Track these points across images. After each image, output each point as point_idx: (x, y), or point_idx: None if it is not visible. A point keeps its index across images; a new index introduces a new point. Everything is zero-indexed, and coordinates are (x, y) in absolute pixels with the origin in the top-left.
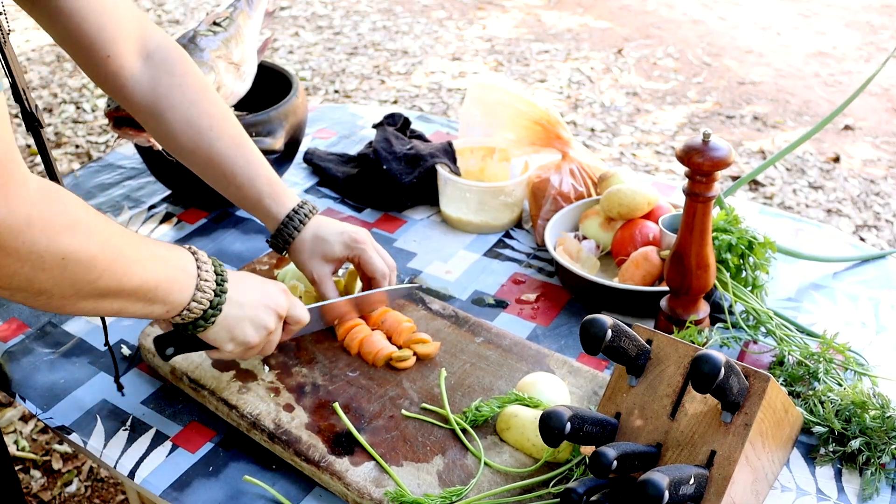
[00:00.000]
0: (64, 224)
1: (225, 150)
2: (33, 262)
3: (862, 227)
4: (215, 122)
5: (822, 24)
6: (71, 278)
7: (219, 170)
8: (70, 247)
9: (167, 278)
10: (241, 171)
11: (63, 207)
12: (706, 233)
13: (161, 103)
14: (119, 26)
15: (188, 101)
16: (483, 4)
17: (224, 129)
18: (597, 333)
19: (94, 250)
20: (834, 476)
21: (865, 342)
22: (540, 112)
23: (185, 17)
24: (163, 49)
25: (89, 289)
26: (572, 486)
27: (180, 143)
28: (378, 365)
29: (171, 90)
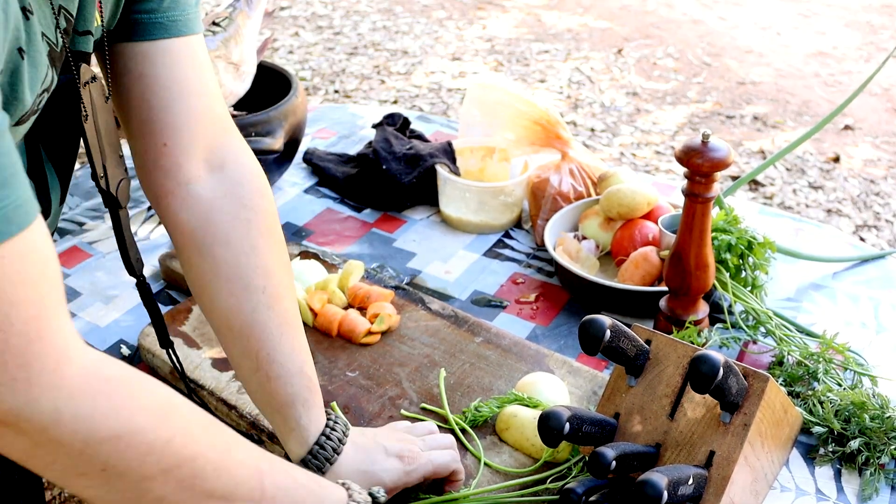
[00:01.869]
0: (112, 432)
1: (272, 325)
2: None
3: (862, 227)
4: (272, 284)
5: (822, 24)
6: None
7: (253, 346)
8: (113, 458)
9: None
10: (282, 361)
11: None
12: (705, 233)
13: (215, 233)
14: (192, 117)
15: (251, 244)
16: (483, 4)
17: (278, 299)
18: (596, 333)
19: (153, 469)
20: (833, 476)
21: (865, 342)
22: (540, 112)
23: None
24: (242, 168)
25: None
26: (571, 487)
27: (217, 293)
28: (357, 341)
29: (235, 223)
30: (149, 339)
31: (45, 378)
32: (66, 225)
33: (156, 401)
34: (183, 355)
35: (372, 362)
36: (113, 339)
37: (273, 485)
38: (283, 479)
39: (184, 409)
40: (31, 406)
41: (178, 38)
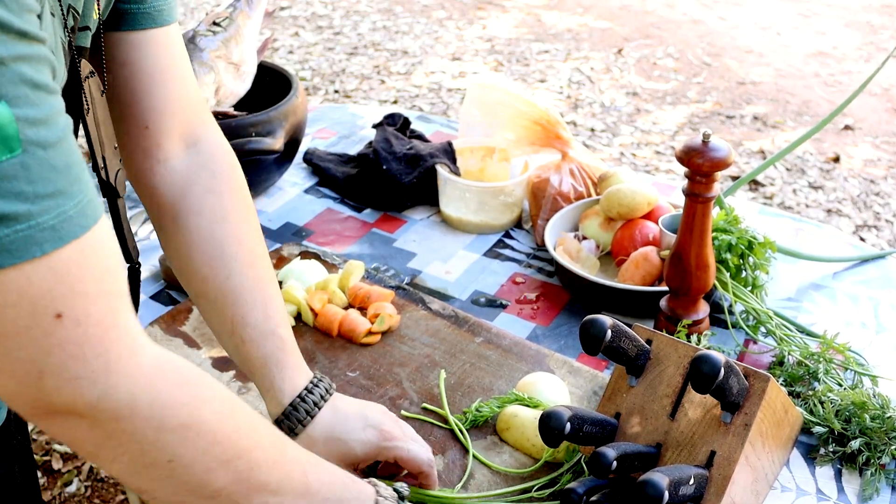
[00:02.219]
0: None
1: (244, 289)
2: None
3: (862, 227)
4: (244, 250)
5: (822, 24)
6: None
7: (228, 311)
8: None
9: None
10: (255, 323)
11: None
12: (706, 233)
13: (190, 204)
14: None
15: (222, 214)
16: (483, 4)
17: (251, 263)
18: (596, 334)
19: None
20: (834, 476)
21: (865, 342)
22: (540, 112)
23: (185, 17)
24: (213, 145)
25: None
26: (572, 487)
27: (193, 260)
28: (357, 341)
29: (207, 194)
30: None
31: (122, 366)
32: None
33: (221, 395)
34: (183, 355)
35: (372, 362)
36: None
37: (317, 479)
38: (326, 474)
39: (241, 404)
40: (108, 394)
41: (162, 27)
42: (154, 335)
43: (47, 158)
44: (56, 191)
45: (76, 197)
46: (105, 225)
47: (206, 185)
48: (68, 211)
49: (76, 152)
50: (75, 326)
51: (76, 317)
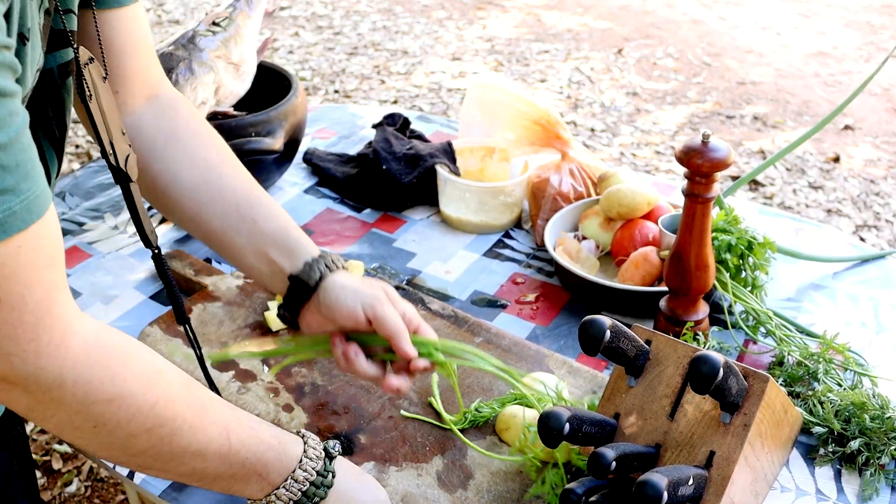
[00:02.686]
0: (106, 396)
1: (240, 181)
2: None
3: (862, 227)
4: (226, 156)
5: (822, 24)
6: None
7: (232, 201)
8: (104, 417)
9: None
10: (262, 203)
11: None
12: (706, 233)
13: (164, 138)
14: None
15: (194, 134)
16: (483, 4)
17: (237, 164)
18: (596, 334)
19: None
20: (833, 476)
21: (865, 342)
22: (540, 112)
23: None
24: (170, 95)
25: (124, 459)
26: (571, 487)
27: (181, 179)
28: None
29: (176, 124)
30: (149, 339)
31: (52, 350)
32: (66, 225)
33: (145, 368)
34: (183, 355)
35: None
36: None
37: (238, 441)
38: (248, 436)
39: (168, 374)
40: (38, 373)
41: (133, 4)
42: (154, 335)
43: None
44: (4, 188)
45: (23, 194)
46: (51, 218)
47: (173, 118)
48: (14, 207)
49: (29, 150)
50: (10, 310)
51: (12, 302)
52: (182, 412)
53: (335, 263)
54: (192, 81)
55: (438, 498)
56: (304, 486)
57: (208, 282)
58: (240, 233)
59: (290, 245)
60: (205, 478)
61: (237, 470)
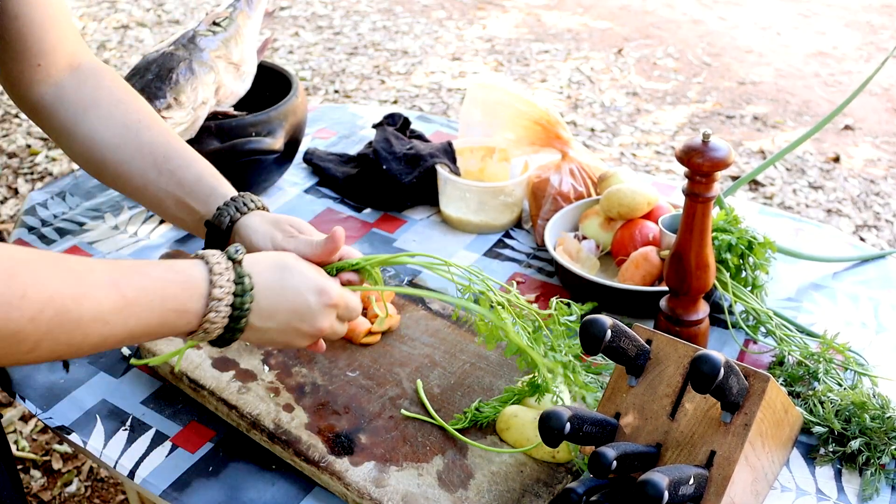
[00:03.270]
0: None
1: (157, 137)
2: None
3: (862, 227)
4: (144, 116)
5: (822, 24)
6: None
7: (149, 157)
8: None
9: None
10: (178, 155)
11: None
12: (706, 233)
13: (85, 103)
14: (58, 39)
15: (115, 99)
16: (483, 4)
17: (156, 122)
18: (596, 333)
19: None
20: (834, 476)
21: (865, 342)
22: (540, 112)
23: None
24: (92, 65)
25: (31, 356)
26: (572, 486)
27: (103, 141)
28: (357, 341)
29: (98, 91)
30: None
31: None
32: (66, 225)
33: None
34: (183, 355)
35: (372, 362)
36: None
37: (131, 288)
38: (139, 279)
39: (30, 260)
40: None
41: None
42: None
43: None
44: None
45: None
46: None
47: (95, 85)
48: None
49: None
50: None
51: None
52: (59, 290)
53: (247, 206)
54: (193, 81)
55: (439, 498)
56: (228, 301)
57: None
58: (160, 186)
59: (206, 191)
60: (123, 338)
61: (148, 316)
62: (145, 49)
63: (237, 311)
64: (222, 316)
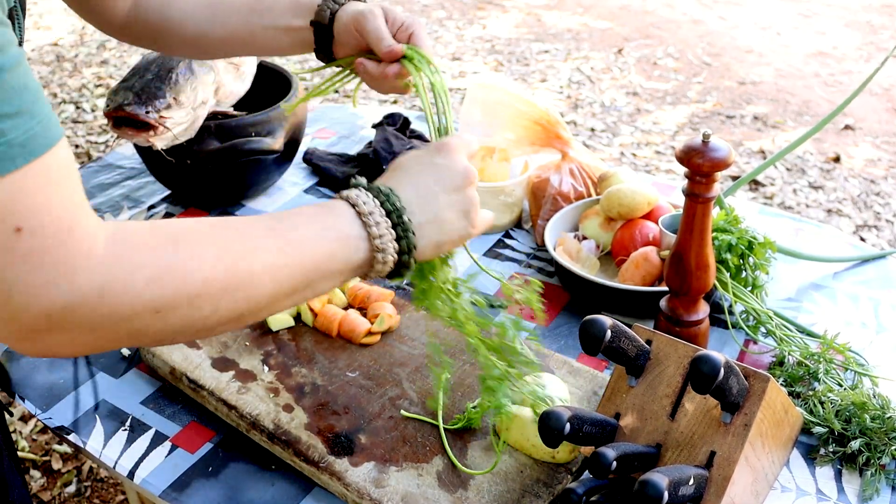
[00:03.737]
0: (146, 277)
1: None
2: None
3: (862, 227)
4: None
5: (822, 24)
6: (178, 323)
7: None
8: (161, 298)
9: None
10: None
11: (142, 257)
12: (706, 233)
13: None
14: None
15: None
16: (483, 4)
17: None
18: (596, 334)
19: (195, 287)
20: (834, 476)
21: (866, 342)
22: (540, 112)
23: None
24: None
25: (211, 321)
26: (572, 487)
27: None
28: (357, 342)
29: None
30: None
31: (83, 262)
32: None
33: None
34: (183, 355)
35: (372, 362)
36: None
37: (289, 229)
38: (293, 219)
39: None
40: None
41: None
42: None
43: (8, 81)
44: (20, 110)
45: (38, 116)
46: (65, 142)
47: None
48: (34, 128)
49: (32, 77)
50: (31, 237)
51: (32, 228)
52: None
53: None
54: (193, 81)
55: (439, 498)
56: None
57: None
58: (265, 26)
59: (303, 5)
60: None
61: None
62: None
63: (394, 214)
64: (385, 227)
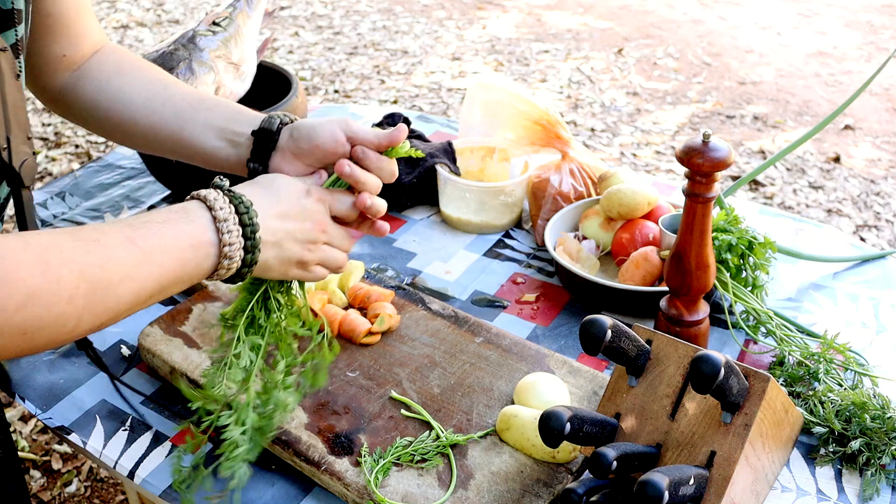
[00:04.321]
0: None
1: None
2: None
3: (862, 227)
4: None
5: (822, 24)
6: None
7: (182, 102)
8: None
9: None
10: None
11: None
12: (706, 233)
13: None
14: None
15: (138, 66)
16: (483, 4)
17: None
18: (596, 334)
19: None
20: (834, 476)
21: (866, 342)
22: (540, 112)
23: (184, 17)
24: (114, 47)
25: (74, 333)
26: (572, 487)
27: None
28: (357, 341)
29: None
30: (149, 339)
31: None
32: (65, 225)
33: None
34: (183, 355)
35: (372, 362)
36: (113, 339)
37: (144, 238)
38: (148, 228)
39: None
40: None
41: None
42: (154, 335)
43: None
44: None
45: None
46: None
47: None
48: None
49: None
50: None
51: None
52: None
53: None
54: (193, 81)
55: (439, 498)
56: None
57: (208, 282)
58: (197, 122)
59: (246, 116)
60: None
61: (167, 260)
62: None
63: (248, 228)
64: (236, 235)
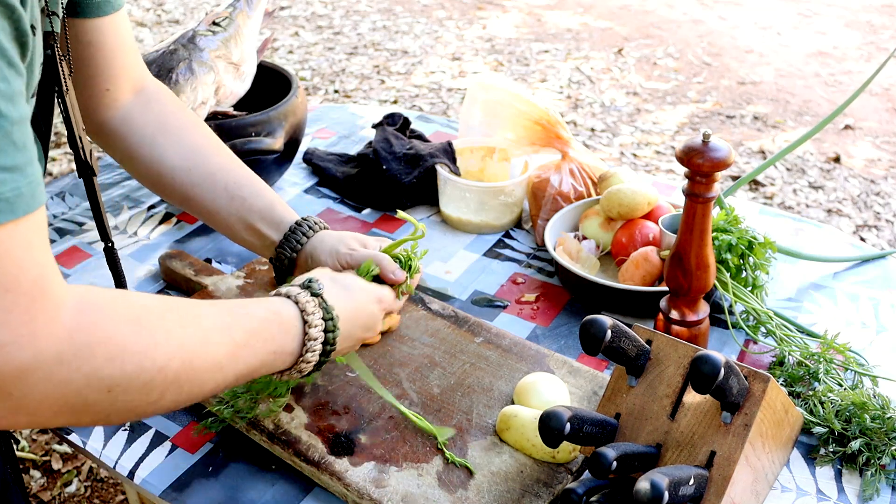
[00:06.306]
0: (108, 354)
1: (226, 163)
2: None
3: (862, 227)
4: (211, 140)
5: (822, 24)
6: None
7: (221, 182)
8: (117, 378)
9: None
10: (248, 182)
11: (106, 332)
12: (706, 233)
13: (152, 128)
14: (125, 65)
15: (181, 123)
16: (483, 4)
17: (221, 147)
18: (596, 334)
19: (151, 373)
20: (834, 476)
21: (866, 342)
22: (540, 112)
23: (184, 17)
24: (155, 88)
25: (152, 409)
26: (572, 487)
27: (173, 164)
28: None
29: (164, 116)
30: None
31: (47, 328)
32: (65, 225)
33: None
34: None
35: (372, 362)
36: None
37: (241, 332)
38: (247, 321)
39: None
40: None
41: (119, 10)
42: None
43: (11, 133)
44: (15, 165)
45: (29, 176)
46: (44, 209)
47: (160, 110)
48: (21, 188)
49: (31, 136)
50: (5, 293)
51: (6, 285)
52: (184, 337)
53: (312, 229)
54: (193, 81)
55: (439, 498)
56: (321, 339)
57: (208, 282)
58: (231, 211)
59: (276, 219)
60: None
61: (252, 359)
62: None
63: (329, 346)
64: (317, 354)
